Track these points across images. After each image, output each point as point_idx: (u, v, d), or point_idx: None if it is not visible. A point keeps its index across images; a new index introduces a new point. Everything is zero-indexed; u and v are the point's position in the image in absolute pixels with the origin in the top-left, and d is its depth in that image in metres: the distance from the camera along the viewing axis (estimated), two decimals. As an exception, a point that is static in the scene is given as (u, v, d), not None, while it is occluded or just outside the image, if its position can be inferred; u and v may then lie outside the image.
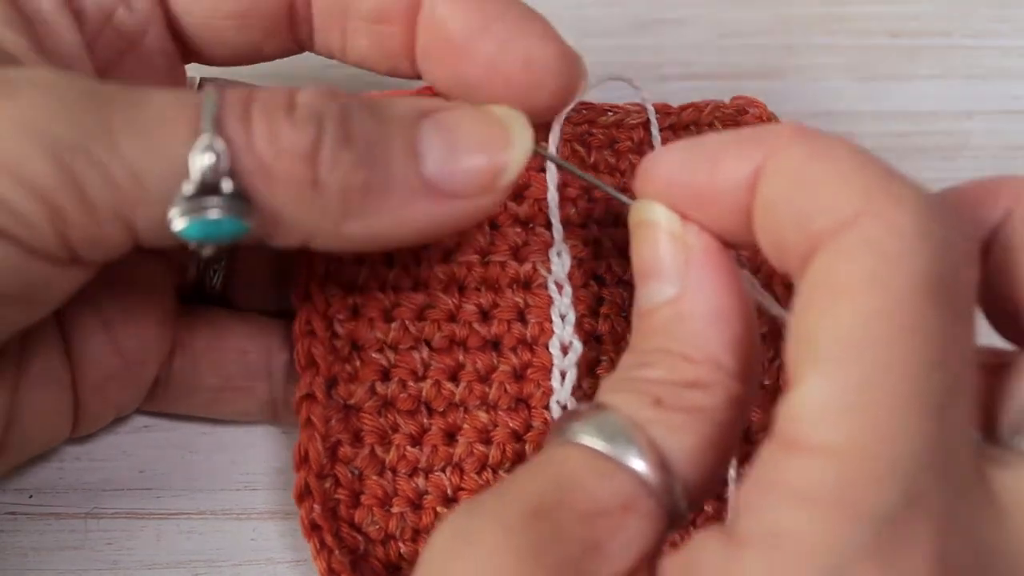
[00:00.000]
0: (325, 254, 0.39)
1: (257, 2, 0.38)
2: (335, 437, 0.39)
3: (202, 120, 0.31)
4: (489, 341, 0.41)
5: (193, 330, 0.42)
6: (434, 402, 0.40)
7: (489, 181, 0.34)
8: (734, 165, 0.31)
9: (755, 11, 0.54)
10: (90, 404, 0.40)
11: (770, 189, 0.30)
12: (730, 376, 0.32)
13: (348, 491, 0.39)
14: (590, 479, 0.30)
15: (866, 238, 0.27)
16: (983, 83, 0.52)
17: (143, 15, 0.38)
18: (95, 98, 0.31)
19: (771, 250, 0.31)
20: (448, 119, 0.35)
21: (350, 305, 0.40)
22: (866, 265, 0.27)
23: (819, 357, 0.27)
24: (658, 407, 0.31)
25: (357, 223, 0.33)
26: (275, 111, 0.32)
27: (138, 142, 0.30)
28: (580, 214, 0.42)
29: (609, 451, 0.30)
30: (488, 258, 0.41)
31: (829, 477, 0.26)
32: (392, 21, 0.38)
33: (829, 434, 0.27)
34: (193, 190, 0.31)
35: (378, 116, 0.34)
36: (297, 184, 0.32)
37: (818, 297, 0.28)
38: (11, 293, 0.31)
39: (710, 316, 0.32)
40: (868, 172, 0.29)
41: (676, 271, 0.33)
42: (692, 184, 0.33)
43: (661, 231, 0.34)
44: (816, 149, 0.30)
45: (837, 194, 0.28)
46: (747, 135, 0.32)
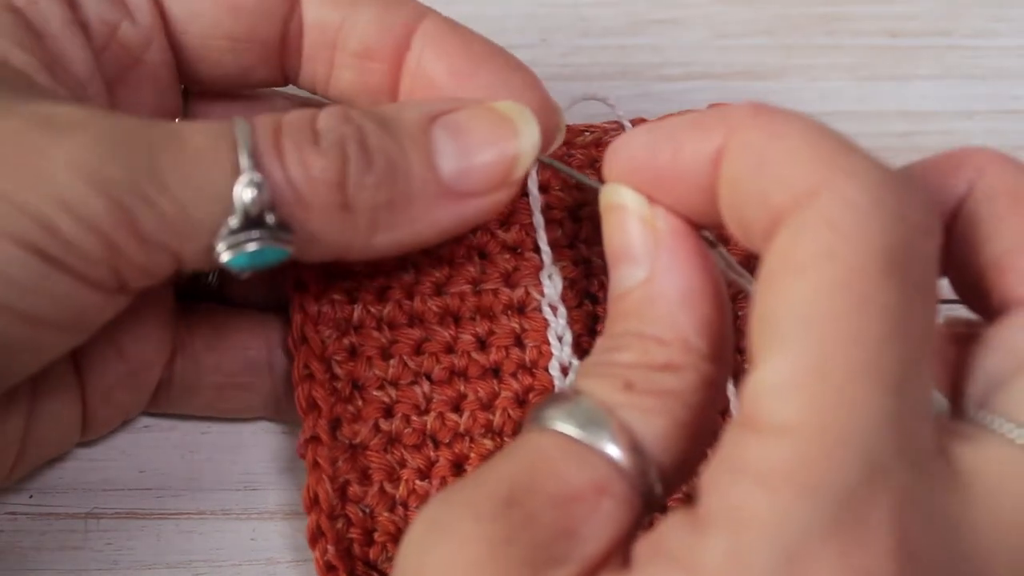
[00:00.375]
0: (316, 295, 0.40)
1: (255, 26, 0.39)
2: (343, 477, 0.39)
3: (240, 155, 0.33)
4: (489, 369, 0.41)
5: (193, 330, 0.42)
6: (439, 434, 0.40)
7: (503, 176, 0.36)
8: (696, 146, 0.31)
9: (755, 11, 0.54)
10: (98, 409, 0.40)
11: (732, 167, 0.30)
12: (702, 357, 0.32)
13: (360, 529, 0.39)
14: (562, 464, 0.30)
15: (822, 214, 0.27)
16: (983, 83, 0.52)
17: (146, 30, 0.38)
18: (137, 137, 0.32)
19: (736, 229, 0.31)
20: (457, 120, 0.36)
21: (347, 345, 0.40)
22: (821, 241, 0.27)
23: (777, 335, 0.27)
24: (629, 390, 0.31)
25: (386, 236, 0.35)
26: (303, 141, 0.34)
27: (183, 179, 0.32)
28: (567, 235, 0.42)
29: (581, 436, 0.30)
30: (480, 287, 0.41)
31: (787, 455, 0.26)
32: (378, 59, 0.39)
33: (786, 412, 0.26)
34: (238, 223, 0.33)
35: (391, 130, 0.35)
36: (330, 209, 0.34)
37: (777, 275, 0.28)
38: (63, 321, 0.33)
39: (680, 297, 0.32)
40: (825, 147, 0.28)
41: (646, 254, 0.33)
42: (656, 165, 0.33)
43: (630, 214, 0.34)
44: (775, 127, 0.29)
45: (794, 171, 0.28)
46: (708, 115, 0.32)
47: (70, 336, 0.34)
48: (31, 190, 0.31)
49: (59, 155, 0.31)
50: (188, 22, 0.39)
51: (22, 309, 0.31)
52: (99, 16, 0.38)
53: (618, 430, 0.30)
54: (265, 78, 0.41)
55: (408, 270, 0.41)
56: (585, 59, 0.52)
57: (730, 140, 0.30)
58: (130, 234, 0.32)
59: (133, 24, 0.38)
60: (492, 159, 0.36)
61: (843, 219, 0.27)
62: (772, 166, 0.29)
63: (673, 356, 0.32)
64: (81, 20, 0.37)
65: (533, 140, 0.36)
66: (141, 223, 0.32)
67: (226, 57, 0.39)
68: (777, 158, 0.29)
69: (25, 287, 0.31)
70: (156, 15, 0.39)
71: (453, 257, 0.41)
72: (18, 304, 0.31)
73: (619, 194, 0.34)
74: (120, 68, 0.39)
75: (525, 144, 0.36)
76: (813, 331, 0.27)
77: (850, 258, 0.27)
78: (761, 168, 0.29)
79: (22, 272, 0.31)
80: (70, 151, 0.31)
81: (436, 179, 0.35)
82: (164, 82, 0.40)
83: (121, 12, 0.38)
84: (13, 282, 0.31)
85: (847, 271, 0.27)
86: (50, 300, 0.31)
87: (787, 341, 0.27)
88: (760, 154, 0.29)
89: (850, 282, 0.27)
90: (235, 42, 0.39)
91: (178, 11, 0.39)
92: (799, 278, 0.27)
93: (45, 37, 0.36)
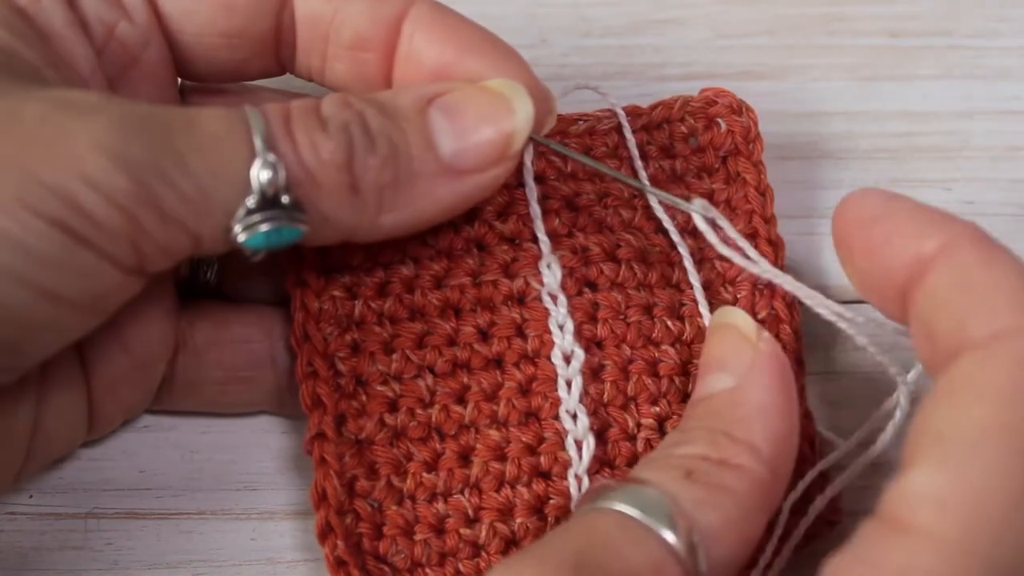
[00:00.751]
0: (316, 292, 0.41)
1: (248, 22, 0.39)
2: (350, 473, 0.39)
3: (254, 139, 0.34)
4: (491, 360, 0.41)
5: (194, 325, 0.42)
6: (444, 426, 0.40)
7: (500, 151, 0.37)
8: (907, 241, 0.33)
9: (755, 11, 0.54)
10: (103, 406, 0.41)
11: (938, 282, 0.32)
12: (763, 465, 0.34)
13: (369, 524, 0.39)
14: (624, 543, 0.32)
15: (1015, 354, 0.30)
16: (983, 83, 0.52)
17: (143, 29, 0.39)
18: (156, 120, 0.33)
19: (921, 332, 0.33)
20: (453, 101, 0.37)
21: (349, 341, 0.41)
22: (1009, 378, 0.29)
23: (943, 449, 0.29)
24: (689, 479, 0.34)
25: (392, 215, 0.37)
26: (311, 126, 0.35)
27: (202, 161, 0.33)
28: (565, 224, 0.42)
29: (641, 517, 0.32)
30: (480, 279, 0.42)
31: (931, 564, 0.28)
32: (370, 49, 0.39)
33: (940, 523, 0.28)
34: (255, 203, 0.34)
35: (390, 114, 0.36)
36: (339, 190, 0.35)
37: (956, 394, 0.30)
38: (83, 300, 0.33)
39: (760, 408, 0.36)
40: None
41: (740, 366, 0.37)
42: (867, 235, 0.35)
43: (737, 331, 0.38)
44: (988, 256, 0.32)
45: (998, 306, 0.31)
46: (931, 216, 0.33)
47: (87, 317, 0.34)
48: (57, 167, 0.31)
49: (83, 134, 0.32)
50: (183, 21, 0.39)
51: (46, 285, 0.32)
52: (97, 16, 0.38)
53: (677, 515, 0.32)
54: (261, 70, 0.42)
55: (407, 264, 0.41)
56: (585, 59, 0.52)
57: (943, 254, 0.32)
58: (152, 211, 0.32)
59: (130, 24, 0.39)
60: (488, 137, 0.37)
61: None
62: (978, 294, 0.31)
63: (738, 455, 0.34)
64: (81, 20, 0.38)
65: (527, 115, 0.38)
66: (163, 201, 0.32)
67: (222, 52, 0.40)
68: (986, 287, 0.31)
69: (50, 262, 0.31)
70: (152, 15, 0.39)
71: (452, 250, 0.42)
72: (42, 280, 0.32)
73: (733, 315, 0.39)
74: (120, 66, 0.39)
75: (519, 119, 0.37)
76: (983, 456, 0.28)
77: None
78: (968, 291, 0.31)
79: (48, 247, 0.31)
80: (94, 131, 0.32)
81: (436, 158, 0.37)
82: (163, 78, 0.40)
83: (118, 12, 0.39)
84: (39, 257, 0.31)
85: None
86: (73, 277, 0.32)
87: (952, 457, 0.29)
88: (970, 277, 0.32)
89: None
90: (230, 38, 0.40)
91: (172, 10, 0.39)
92: (977, 404, 0.29)
93: (49, 36, 0.37)
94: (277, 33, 0.40)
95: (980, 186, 0.50)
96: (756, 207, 0.44)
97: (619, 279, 0.42)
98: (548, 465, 0.40)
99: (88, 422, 0.41)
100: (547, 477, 0.40)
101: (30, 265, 0.31)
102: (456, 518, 0.39)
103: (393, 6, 0.39)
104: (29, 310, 0.32)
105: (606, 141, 0.44)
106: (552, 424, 0.40)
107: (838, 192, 0.49)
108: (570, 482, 0.39)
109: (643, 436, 0.40)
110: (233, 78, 0.42)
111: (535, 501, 0.40)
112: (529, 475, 0.40)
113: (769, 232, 0.44)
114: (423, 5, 0.39)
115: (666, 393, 0.41)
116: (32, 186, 0.31)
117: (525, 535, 0.39)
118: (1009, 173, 0.50)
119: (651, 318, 0.42)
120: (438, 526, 0.39)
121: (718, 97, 0.45)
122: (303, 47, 0.40)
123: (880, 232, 0.34)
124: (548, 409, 0.40)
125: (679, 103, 0.45)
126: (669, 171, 0.45)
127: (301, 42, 0.40)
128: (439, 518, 0.39)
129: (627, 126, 0.44)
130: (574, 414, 0.40)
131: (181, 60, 0.40)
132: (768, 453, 0.35)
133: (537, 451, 0.40)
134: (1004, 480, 0.28)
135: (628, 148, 0.44)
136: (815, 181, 0.50)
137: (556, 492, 0.40)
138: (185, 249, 0.34)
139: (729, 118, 0.45)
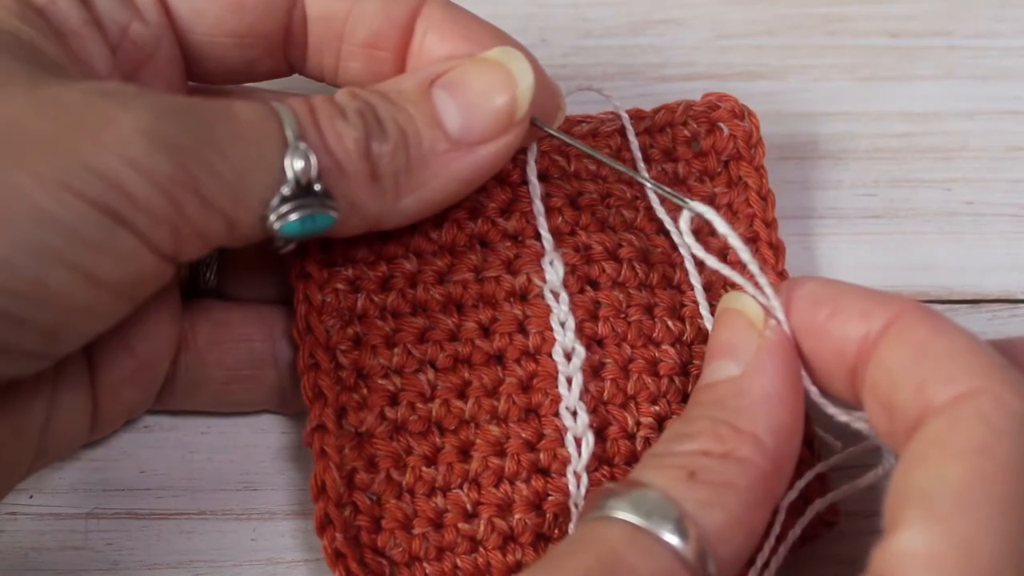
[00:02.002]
0: (320, 284, 0.41)
1: (259, 22, 0.39)
2: (350, 465, 0.39)
3: (286, 130, 0.35)
4: (493, 356, 0.41)
5: (195, 326, 0.42)
6: (444, 421, 0.40)
7: (507, 119, 0.38)
8: (853, 321, 0.35)
9: (755, 11, 0.54)
10: (106, 406, 0.40)
11: (892, 354, 0.33)
12: (766, 457, 0.34)
13: (368, 517, 0.39)
14: (631, 555, 0.31)
15: (980, 412, 0.31)
16: (983, 83, 0.52)
17: (155, 28, 0.39)
18: (193, 109, 0.34)
19: (875, 407, 0.34)
20: (453, 78, 0.38)
21: (351, 334, 0.41)
22: (978, 435, 0.30)
23: (929, 508, 0.30)
24: (692, 480, 0.33)
25: (411, 197, 0.37)
26: (334, 115, 0.36)
27: (240, 149, 0.34)
28: (567, 222, 0.42)
29: (646, 526, 0.32)
30: (482, 275, 0.42)
31: None
32: (385, 47, 0.40)
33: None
34: (290, 191, 0.35)
35: (395, 100, 0.37)
36: (363, 177, 0.36)
37: (930, 456, 0.31)
38: (120, 285, 0.33)
39: (764, 397, 0.35)
40: (984, 356, 0.32)
41: (745, 354, 0.36)
42: (813, 318, 0.36)
43: (743, 318, 0.37)
44: (939, 327, 0.33)
45: (954, 371, 0.32)
46: (875, 297, 0.35)
47: (122, 303, 0.34)
48: (101, 150, 0.32)
49: (127, 119, 0.32)
50: (193, 21, 0.40)
51: (87, 267, 0.32)
52: (111, 16, 0.39)
53: (682, 520, 0.32)
54: (270, 69, 0.42)
55: (411, 259, 0.41)
56: (586, 59, 0.52)
57: (893, 328, 0.34)
58: (193, 195, 0.33)
59: (143, 23, 0.39)
60: (493, 106, 0.38)
61: (999, 420, 0.31)
62: (935, 360, 0.32)
63: (741, 447, 0.34)
64: (96, 19, 0.38)
65: (528, 79, 0.38)
66: (203, 185, 0.33)
67: (232, 52, 0.40)
68: (940, 354, 0.32)
69: (92, 244, 0.32)
70: (163, 14, 0.39)
71: (455, 245, 0.42)
72: (84, 262, 0.32)
73: (740, 300, 0.38)
74: (133, 65, 0.39)
75: (521, 84, 0.38)
76: (968, 511, 0.29)
77: (1001, 455, 0.30)
78: (923, 360, 0.33)
79: (90, 229, 0.31)
80: (137, 116, 0.32)
81: (445, 136, 0.37)
82: (173, 78, 0.41)
83: (131, 12, 0.39)
84: (82, 239, 0.31)
85: (998, 467, 0.30)
86: (113, 260, 0.32)
87: (940, 514, 0.29)
88: (924, 347, 0.33)
89: (1000, 478, 0.30)
90: (240, 38, 0.40)
91: (183, 10, 0.39)
92: (956, 462, 0.30)
93: (66, 35, 0.37)
94: (287, 33, 0.40)
95: (980, 186, 0.50)
96: (757, 211, 0.44)
97: (621, 278, 0.42)
98: (547, 461, 0.40)
99: (92, 422, 0.41)
100: (546, 473, 0.40)
101: (72, 246, 0.31)
102: (455, 513, 0.39)
103: (407, 4, 0.39)
104: (69, 293, 0.32)
105: (609, 143, 0.44)
106: (552, 421, 0.40)
107: (838, 193, 0.50)
108: (569, 479, 0.39)
109: (642, 435, 0.40)
110: (243, 78, 0.42)
111: (534, 497, 0.40)
112: (528, 471, 0.40)
113: (770, 236, 0.44)
114: (435, 3, 0.40)
115: (666, 393, 0.41)
116: (76, 168, 0.31)
117: (523, 531, 0.39)
118: (1009, 173, 0.50)
119: (652, 318, 0.42)
120: (437, 520, 0.39)
121: (720, 101, 0.45)
122: (315, 46, 0.41)
123: (827, 313, 0.36)
124: (548, 406, 0.40)
125: (682, 107, 0.45)
126: (671, 174, 0.45)
127: (313, 41, 0.41)
128: (438, 512, 0.39)
129: (631, 129, 0.44)
130: (574, 411, 0.40)
131: (192, 60, 0.41)
132: (771, 444, 0.35)
133: (536, 447, 0.40)
134: (991, 532, 0.29)
135: (631, 151, 0.44)
136: (815, 181, 0.50)
137: (555, 488, 0.40)
138: (220, 235, 0.34)
139: (731, 122, 0.45)
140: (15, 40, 0.35)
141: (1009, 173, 0.50)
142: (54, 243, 0.31)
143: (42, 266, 0.31)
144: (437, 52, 0.39)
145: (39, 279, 0.31)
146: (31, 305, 0.32)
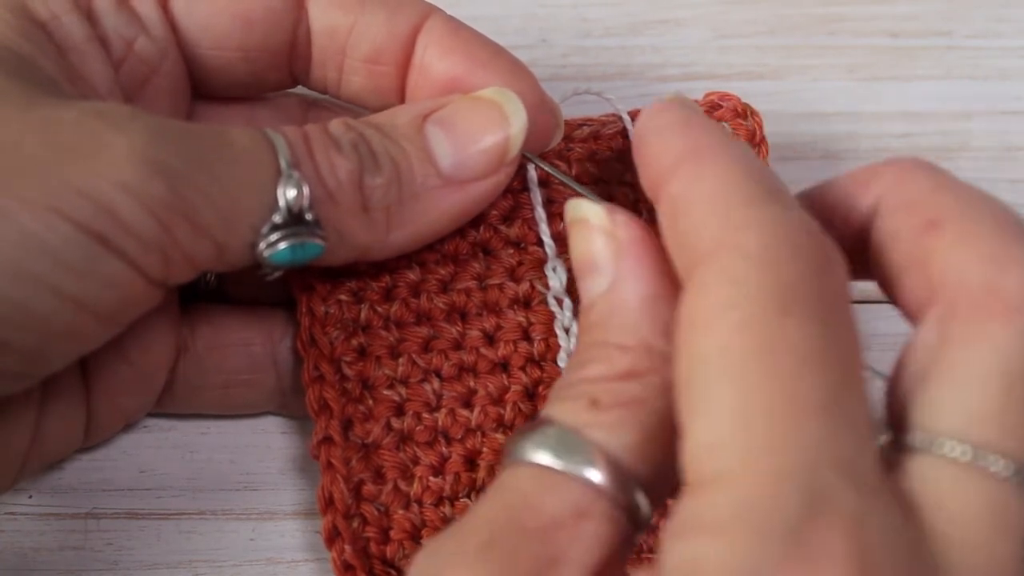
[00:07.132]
0: (323, 296, 0.41)
1: (265, 36, 0.40)
2: (357, 477, 0.39)
3: (280, 158, 0.35)
4: (498, 363, 0.41)
5: (194, 331, 0.42)
6: (451, 430, 0.40)
7: (499, 159, 0.38)
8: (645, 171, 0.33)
9: (755, 11, 0.54)
10: (102, 415, 0.40)
11: (661, 217, 0.32)
12: (664, 360, 0.32)
13: (376, 528, 0.39)
14: (538, 495, 0.30)
15: (718, 268, 0.29)
16: (983, 83, 0.52)
17: (161, 43, 0.39)
18: (187, 134, 0.34)
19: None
20: (447, 115, 0.38)
21: (355, 346, 0.41)
22: (720, 295, 0.28)
23: (696, 394, 0.28)
24: (595, 408, 0.32)
25: (400, 232, 0.38)
26: (327, 146, 0.36)
27: (234, 175, 0.34)
28: None
29: (555, 463, 0.31)
30: (485, 282, 0.42)
31: (731, 501, 0.26)
32: (387, 62, 0.40)
33: (723, 464, 0.27)
34: (282, 219, 0.35)
35: (388, 134, 0.37)
36: (354, 208, 0.36)
37: (685, 336, 0.29)
38: (105, 310, 0.33)
39: (641, 303, 0.33)
40: (723, 203, 0.30)
41: (608, 263, 0.34)
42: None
43: (592, 227, 0.35)
44: (690, 178, 0.31)
45: (699, 231, 0.30)
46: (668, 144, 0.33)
47: (106, 327, 0.34)
48: (94, 174, 0.31)
49: (121, 143, 0.32)
50: (199, 35, 0.40)
51: (71, 293, 0.32)
52: (117, 32, 0.38)
53: (592, 452, 0.31)
54: (275, 82, 0.42)
55: (413, 269, 0.41)
56: (585, 59, 0.52)
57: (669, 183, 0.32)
58: (185, 220, 0.33)
59: (148, 39, 0.39)
60: (485, 146, 0.38)
61: (736, 270, 0.28)
62: (683, 224, 0.31)
63: (635, 362, 0.32)
64: (101, 35, 0.38)
65: (521, 120, 0.38)
66: (196, 211, 0.33)
67: (238, 67, 0.40)
68: (687, 216, 0.30)
69: (78, 270, 0.31)
70: (169, 30, 0.39)
71: (457, 254, 0.42)
72: (69, 287, 0.32)
73: (581, 208, 0.36)
74: (138, 80, 0.39)
75: (514, 126, 0.38)
76: (727, 382, 0.27)
77: (747, 305, 0.28)
78: (676, 225, 0.31)
79: (78, 255, 0.31)
80: (131, 140, 0.32)
81: (437, 173, 0.37)
82: (178, 93, 0.41)
83: (137, 27, 0.39)
84: (68, 265, 0.31)
85: (746, 318, 0.28)
86: (99, 286, 0.32)
87: (707, 398, 0.28)
88: (674, 210, 0.31)
89: (752, 328, 0.27)
90: (246, 52, 0.40)
91: (189, 25, 0.39)
92: (706, 335, 0.28)
93: (67, 51, 0.37)
94: (292, 47, 0.40)
95: (980, 186, 0.50)
96: None
97: None
98: None
99: (86, 430, 0.41)
100: None
101: (58, 272, 0.31)
102: None
103: (409, 19, 0.39)
104: (53, 317, 0.32)
105: (611, 145, 0.44)
106: None
107: (838, 192, 0.50)
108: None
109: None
110: (248, 92, 0.42)
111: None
112: None
113: None
114: (437, 19, 0.40)
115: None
116: (66, 192, 0.31)
117: None
118: (1009, 173, 0.50)
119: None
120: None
121: (723, 100, 0.45)
122: (319, 60, 0.41)
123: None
124: None
125: None
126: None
127: (317, 55, 0.41)
128: (446, 522, 0.39)
129: (632, 131, 0.44)
130: None
131: (197, 74, 0.41)
132: (664, 343, 0.32)
133: None
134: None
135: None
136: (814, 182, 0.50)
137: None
138: (209, 261, 0.34)
139: (734, 122, 0.45)
140: (14, 56, 0.34)
141: (1009, 173, 0.50)
142: (38, 267, 0.31)
143: (25, 290, 0.31)
144: (437, 67, 0.39)
145: (22, 303, 0.31)
146: (14, 328, 0.31)
